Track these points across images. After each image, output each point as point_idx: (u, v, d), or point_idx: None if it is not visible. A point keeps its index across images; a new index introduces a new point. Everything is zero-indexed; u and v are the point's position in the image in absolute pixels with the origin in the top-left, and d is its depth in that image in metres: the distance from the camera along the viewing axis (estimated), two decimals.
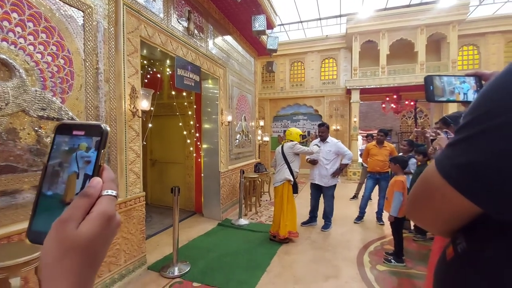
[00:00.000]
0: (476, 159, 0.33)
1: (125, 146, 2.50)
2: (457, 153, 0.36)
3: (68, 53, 2.00)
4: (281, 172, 3.67)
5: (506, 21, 8.38)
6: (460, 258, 0.40)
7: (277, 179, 3.71)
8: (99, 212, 0.31)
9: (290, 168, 3.65)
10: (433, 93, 0.64)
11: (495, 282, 0.34)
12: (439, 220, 0.42)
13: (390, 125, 13.96)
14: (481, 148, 0.33)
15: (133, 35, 2.61)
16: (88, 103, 2.16)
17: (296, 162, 3.71)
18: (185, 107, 4.53)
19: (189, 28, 3.58)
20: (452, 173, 0.36)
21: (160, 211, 4.92)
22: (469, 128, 0.35)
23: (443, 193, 0.37)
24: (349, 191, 6.55)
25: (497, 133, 0.32)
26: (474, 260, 0.37)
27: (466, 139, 0.35)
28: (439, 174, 0.37)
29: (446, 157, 0.38)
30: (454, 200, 0.36)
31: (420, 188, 0.43)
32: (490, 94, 0.35)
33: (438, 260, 0.47)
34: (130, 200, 2.58)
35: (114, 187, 0.35)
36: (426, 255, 3.22)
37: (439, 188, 0.37)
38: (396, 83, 8.48)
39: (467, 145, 0.35)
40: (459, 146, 0.36)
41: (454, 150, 0.37)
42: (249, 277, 2.68)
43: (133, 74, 2.60)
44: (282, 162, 3.69)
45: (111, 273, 2.37)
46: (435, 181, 0.38)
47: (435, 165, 0.38)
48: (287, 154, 3.67)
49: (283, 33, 11.19)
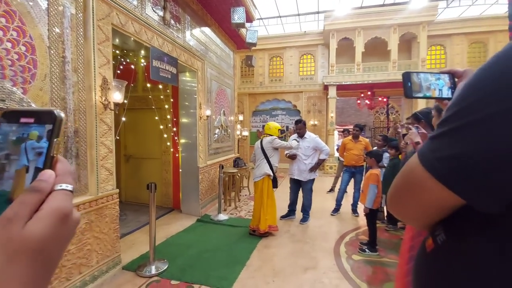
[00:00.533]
0: (462, 151, 0.33)
1: (96, 140, 2.36)
2: (441, 146, 0.36)
3: (31, 39, 1.82)
4: (260, 167, 3.68)
5: (470, 23, 8.97)
6: (441, 249, 0.40)
7: (257, 174, 3.71)
8: (52, 209, 0.27)
9: (269, 162, 3.66)
10: (411, 89, 0.66)
11: (479, 273, 0.35)
12: (421, 213, 0.43)
13: (364, 121, 14.51)
14: (467, 140, 0.33)
15: (104, 23, 2.44)
16: (54, 94, 1.99)
17: (275, 156, 3.73)
18: (161, 100, 4.36)
19: (165, 17, 3.43)
20: (435, 166, 0.35)
21: (135, 208, 4.74)
22: (454, 120, 0.35)
23: (425, 186, 0.37)
24: (326, 184, 6.74)
25: (484, 125, 0.32)
26: (455, 251, 0.38)
27: (451, 131, 0.35)
28: (422, 167, 0.37)
29: (430, 150, 0.37)
30: (437, 193, 0.36)
31: (402, 181, 0.43)
32: (477, 85, 0.35)
33: (417, 253, 0.47)
34: (102, 198, 2.44)
35: (70, 180, 0.30)
36: (397, 243, 3.40)
37: (422, 181, 0.37)
38: (371, 80, 8.80)
39: (452, 138, 0.35)
40: (443, 138, 0.36)
41: (438, 143, 0.37)
42: (228, 272, 2.67)
43: (104, 64, 2.44)
44: (262, 157, 3.69)
45: (82, 275, 2.25)
46: (418, 174, 0.38)
47: (418, 158, 0.38)
48: (266, 149, 3.67)
49: (262, 28, 11.14)
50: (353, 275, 2.64)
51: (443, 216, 0.40)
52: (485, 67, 0.34)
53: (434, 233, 0.42)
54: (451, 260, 0.38)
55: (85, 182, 2.31)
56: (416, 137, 2.06)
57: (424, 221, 0.44)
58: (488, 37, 9.00)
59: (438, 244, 0.41)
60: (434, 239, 0.42)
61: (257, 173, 3.72)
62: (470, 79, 0.36)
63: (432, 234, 0.43)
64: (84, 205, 2.26)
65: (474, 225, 0.37)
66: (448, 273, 0.39)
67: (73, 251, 2.16)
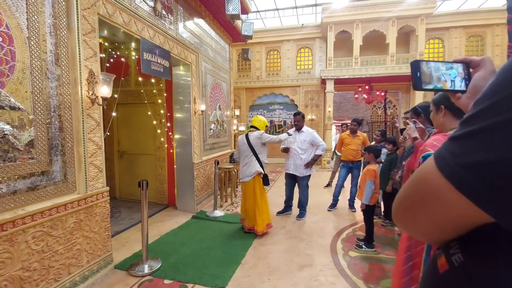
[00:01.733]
0: (495, 156, 0.25)
1: (83, 137, 2.26)
2: (466, 149, 0.28)
3: (7, 29, 1.71)
4: (250, 165, 3.43)
5: (468, 16, 8.87)
6: (458, 272, 0.33)
7: (247, 173, 3.46)
8: None
9: (259, 159, 3.45)
10: (421, 80, 0.57)
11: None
12: (435, 228, 0.35)
13: (361, 115, 14.46)
14: (503, 142, 0.25)
15: (89, 12, 2.32)
16: (35, 87, 1.89)
17: (264, 152, 3.52)
18: (154, 95, 4.25)
19: (156, 8, 3.30)
20: (458, 173, 0.28)
21: (129, 205, 4.66)
22: (486, 117, 0.27)
23: (444, 198, 0.29)
24: (323, 179, 6.70)
25: None
26: (478, 277, 0.30)
27: (481, 131, 0.27)
28: (441, 173, 0.29)
29: (451, 153, 0.29)
30: (457, 206, 0.28)
31: (414, 189, 0.35)
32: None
33: (426, 271, 0.40)
34: (91, 196, 2.36)
35: None
36: (393, 239, 3.37)
37: (439, 192, 0.30)
38: (368, 73, 8.70)
39: (482, 139, 0.26)
40: (469, 140, 0.28)
41: (462, 145, 0.29)
42: (223, 270, 2.61)
43: (91, 57, 2.33)
44: (250, 154, 3.44)
45: (71, 276, 2.17)
46: (434, 182, 0.30)
47: (435, 163, 0.30)
48: (254, 145, 3.43)
49: (259, 21, 10.94)
50: (349, 272, 2.60)
51: (461, 233, 0.33)
52: None
53: (449, 251, 0.35)
54: (473, 286, 0.31)
55: (73, 180, 2.22)
56: (414, 132, 1.99)
57: (437, 237, 0.36)
58: (485, 31, 8.93)
59: (453, 265, 0.33)
60: (448, 259, 0.34)
61: (246, 172, 3.46)
62: (509, 64, 0.27)
63: (445, 251, 0.35)
64: (72, 204, 2.17)
65: (501, 246, 0.29)
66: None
67: (61, 251, 2.09)
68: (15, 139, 1.77)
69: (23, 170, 1.83)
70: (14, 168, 1.77)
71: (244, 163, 3.50)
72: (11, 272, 1.73)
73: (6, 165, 1.72)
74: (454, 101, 0.59)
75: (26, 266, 1.83)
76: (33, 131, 1.88)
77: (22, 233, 1.80)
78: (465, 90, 0.57)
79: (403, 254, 1.29)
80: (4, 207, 1.71)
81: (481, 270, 0.30)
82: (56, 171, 2.07)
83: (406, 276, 1.19)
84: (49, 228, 1.99)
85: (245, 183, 3.53)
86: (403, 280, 1.19)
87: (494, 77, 0.29)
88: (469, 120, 0.29)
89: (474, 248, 0.32)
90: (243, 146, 3.50)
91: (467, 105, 0.57)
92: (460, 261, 0.32)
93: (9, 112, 1.73)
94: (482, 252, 0.31)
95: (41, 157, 1.95)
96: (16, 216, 1.75)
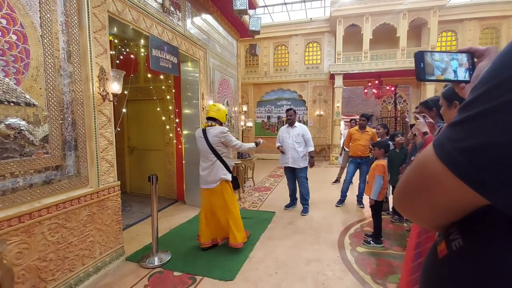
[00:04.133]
0: (490, 141, 0.26)
1: (95, 132, 2.32)
2: (463, 134, 0.29)
3: (22, 27, 1.76)
4: (213, 171, 2.74)
5: (482, 7, 8.56)
6: (456, 256, 0.34)
7: (209, 180, 2.77)
8: None
9: (224, 162, 2.77)
10: (424, 70, 0.57)
11: (504, 283, 0.29)
12: (434, 214, 0.36)
13: (371, 111, 14.24)
14: (498, 127, 0.25)
15: (99, 10, 2.36)
16: (49, 84, 1.94)
17: (229, 152, 2.86)
18: (163, 91, 4.30)
19: (164, 4, 3.32)
20: (455, 158, 0.29)
21: (140, 199, 4.77)
22: (482, 102, 0.27)
23: (442, 183, 0.30)
24: (331, 175, 6.67)
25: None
26: (475, 260, 0.31)
27: (477, 116, 0.27)
28: (439, 159, 0.30)
29: (448, 139, 0.30)
30: (455, 190, 0.29)
31: (413, 176, 0.36)
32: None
33: (426, 257, 0.41)
34: (103, 190, 2.43)
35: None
36: (402, 235, 3.34)
37: (437, 177, 0.31)
38: (378, 68, 8.54)
39: (478, 124, 0.27)
40: (466, 125, 0.29)
41: (459, 130, 0.29)
42: (231, 264, 2.65)
43: (101, 54, 2.38)
44: (211, 156, 2.72)
45: (85, 267, 2.26)
46: (433, 168, 0.31)
47: (433, 149, 0.31)
48: (215, 145, 2.70)
49: (267, 15, 10.84)
50: (357, 268, 2.60)
51: (460, 217, 0.34)
52: None
53: (449, 237, 0.35)
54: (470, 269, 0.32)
55: (86, 174, 2.29)
56: (424, 127, 1.96)
57: (436, 222, 0.37)
58: (501, 22, 8.61)
59: (452, 250, 0.34)
60: (448, 244, 0.35)
61: (208, 179, 2.76)
62: (505, 50, 0.28)
63: (445, 238, 0.36)
64: (85, 197, 2.24)
65: (499, 229, 0.30)
66: (465, 283, 0.32)
67: (75, 243, 2.17)
68: (31, 134, 1.83)
69: (39, 164, 1.90)
70: (30, 162, 1.84)
71: (204, 167, 2.79)
72: (28, 262, 1.81)
73: (22, 159, 1.79)
74: (458, 91, 0.59)
75: (43, 257, 1.91)
76: (47, 126, 1.94)
77: (38, 225, 1.87)
78: (469, 80, 0.57)
79: (412, 251, 1.28)
80: (21, 200, 1.79)
81: (479, 254, 0.31)
82: (69, 166, 2.14)
83: (415, 273, 1.19)
84: (63, 220, 2.06)
85: (208, 190, 2.82)
86: (412, 277, 1.19)
87: (491, 63, 0.29)
88: (466, 105, 0.30)
89: (473, 232, 0.33)
90: (201, 144, 2.78)
91: None
92: (460, 245, 0.33)
93: (25, 109, 1.79)
94: (480, 235, 0.32)
95: (55, 152, 2.02)
96: (33, 209, 1.82)
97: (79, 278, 2.20)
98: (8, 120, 1.69)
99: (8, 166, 1.70)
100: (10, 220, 1.69)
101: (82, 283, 2.22)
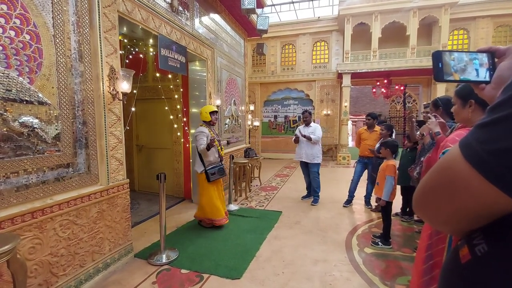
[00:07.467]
0: None
1: (105, 131, 2.36)
2: (494, 135, 0.27)
3: (35, 27, 1.80)
4: (194, 162, 3.44)
5: (496, 5, 8.33)
6: (481, 261, 0.32)
7: (195, 168, 3.54)
8: None
9: (201, 158, 3.39)
10: (443, 71, 0.55)
11: None
12: (458, 217, 0.34)
13: (379, 110, 14.06)
14: None
15: (110, 10, 2.39)
16: (61, 83, 1.98)
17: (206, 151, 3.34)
18: (171, 90, 4.33)
19: (173, 4, 3.35)
20: (485, 161, 0.27)
21: (148, 197, 4.82)
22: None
23: (469, 186, 0.29)
24: (338, 175, 6.61)
25: None
26: (501, 265, 0.30)
27: (508, 117, 0.26)
28: (466, 161, 0.29)
29: (477, 140, 0.29)
30: (484, 194, 0.28)
31: (437, 178, 0.34)
32: None
33: (446, 262, 0.40)
34: (113, 188, 2.46)
35: None
36: (411, 236, 3.29)
37: (465, 180, 0.29)
38: (387, 67, 8.41)
39: (510, 125, 0.26)
40: (497, 126, 0.28)
41: (490, 131, 0.28)
42: (238, 262, 2.66)
43: (111, 53, 2.41)
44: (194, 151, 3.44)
45: (95, 262, 2.30)
46: (459, 171, 0.30)
47: (460, 150, 0.30)
48: (193, 142, 3.51)
49: (274, 14, 10.81)
50: (364, 269, 2.57)
51: (487, 222, 0.32)
52: None
53: (472, 242, 0.34)
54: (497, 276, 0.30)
55: (96, 172, 2.33)
56: (436, 127, 1.92)
57: (460, 227, 0.36)
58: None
59: (476, 255, 0.33)
60: (471, 249, 0.34)
61: (195, 167, 3.56)
62: None
63: (468, 242, 0.35)
64: (95, 194, 2.28)
65: None
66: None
67: (85, 239, 2.21)
68: (43, 132, 1.87)
69: (51, 161, 1.94)
70: (43, 159, 1.88)
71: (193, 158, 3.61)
72: (41, 257, 1.85)
73: (35, 156, 1.83)
74: (478, 92, 0.57)
75: (54, 252, 1.95)
76: (59, 125, 1.98)
77: (50, 221, 1.91)
78: (489, 81, 0.55)
79: (423, 253, 1.25)
80: (34, 196, 1.83)
81: (505, 260, 0.30)
82: (80, 163, 2.18)
83: (426, 275, 1.16)
84: (74, 217, 2.10)
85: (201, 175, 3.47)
86: (423, 279, 1.16)
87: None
88: (497, 106, 0.28)
89: (500, 239, 0.31)
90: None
91: (491, 96, 0.55)
92: (484, 251, 0.32)
93: (38, 107, 1.83)
94: (506, 240, 0.31)
95: (67, 149, 2.06)
96: (45, 205, 1.86)
97: (89, 273, 2.24)
98: (21, 118, 1.73)
99: (21, 163, 1.74)
100: (23, 215, 1.73)
101: (92, 278, 2.26)
